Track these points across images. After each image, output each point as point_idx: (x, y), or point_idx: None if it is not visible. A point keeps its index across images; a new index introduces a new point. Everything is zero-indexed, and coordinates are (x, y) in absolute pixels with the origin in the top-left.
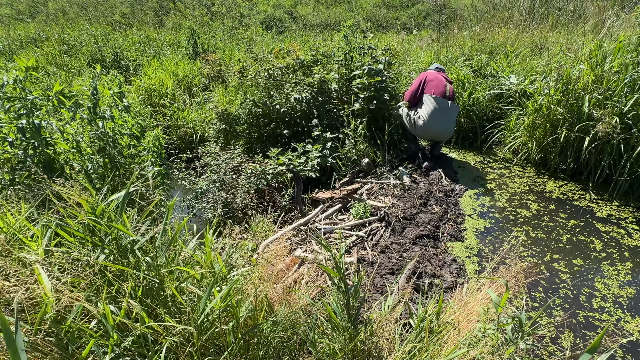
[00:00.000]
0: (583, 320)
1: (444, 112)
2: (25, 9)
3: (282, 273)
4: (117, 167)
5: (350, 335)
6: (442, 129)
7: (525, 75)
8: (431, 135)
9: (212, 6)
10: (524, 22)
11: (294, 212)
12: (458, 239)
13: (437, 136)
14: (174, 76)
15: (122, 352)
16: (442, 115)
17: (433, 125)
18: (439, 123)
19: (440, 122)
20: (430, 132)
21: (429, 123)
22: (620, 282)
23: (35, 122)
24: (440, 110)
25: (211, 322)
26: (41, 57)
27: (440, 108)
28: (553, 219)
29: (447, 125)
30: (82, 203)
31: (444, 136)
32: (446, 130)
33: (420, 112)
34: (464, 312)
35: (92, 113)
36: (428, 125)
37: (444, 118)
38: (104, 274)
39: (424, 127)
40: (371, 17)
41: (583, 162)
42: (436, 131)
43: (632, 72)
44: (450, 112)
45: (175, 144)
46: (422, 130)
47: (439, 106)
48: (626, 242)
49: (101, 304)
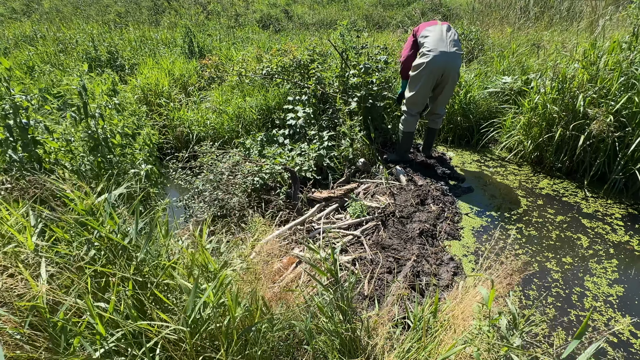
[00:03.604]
0: (574, 318)
1: (443, 35)
2: (19, 8)
3: (279, 272)
4: (110, 166)
5: (346, 334)
6: (449, 50)
7: (520, 74)
8: (442, 64)
9: (207, 5)
10: (519, 21)
11: (290, 211)
12: (455, 238)
13: (448, 63)
14: (169, 75)
15: (112, 349)
16: (443, 37)
17: (439, 49)
18: (445, 45)
19: (445, 44)
20: (441, 59)
21: (435, 49)
22: (609, 280)
23: (22, 121)
24: (440, 35)
25: (204, 320)
26: (36, 56)
27: (439, 32)
28: (542, 215)
29: (452, 47)
30: (74, 198)
31: (455, 61)
32: (454, 53)
33: (423, 50)
34: (460, 310)
35: (81, 112)
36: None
37: (447, 41)
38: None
39: (432, 59)
40: (367, 16)
41: (578, 161)
42: (444, 55)
43: (625, 71)
44: (451, 35)
45: (171, 144)
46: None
47: (437, 31)
48: (610, 237)
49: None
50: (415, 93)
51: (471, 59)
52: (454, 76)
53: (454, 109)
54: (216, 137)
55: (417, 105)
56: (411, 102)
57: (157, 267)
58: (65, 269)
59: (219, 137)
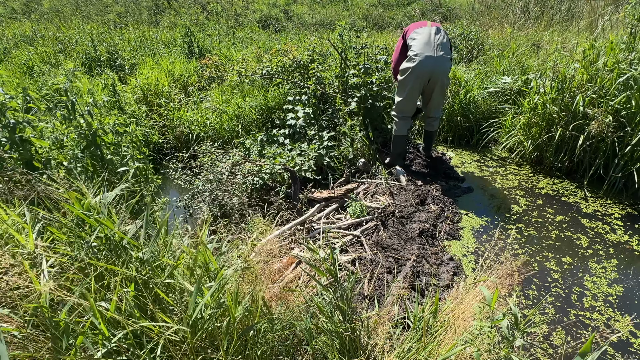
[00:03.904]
0: (574, 318)
1: (431, 38)
2: (19, 8)
3: (279, 272)
4: (103, 165)
5: (346, 334)
6: (436, 54)
7: (520, 74)
8: (428, 69)
9: (207, 5)
10: (519, 21)
11: (290, 211)
12: (455, 238)
13: (435, 67)
14: (169, 75)
15: (113, 349)
16: (431, 41)
17: (425, 54)
18: (431, 49)
19: (432, 48)
20: (427, 64)
21: (421, 54)
22: (608, 279)
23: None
24: (427, 38)
25: (205, 320)
26: (35, 56)
27: (427, 35)
28: (541, 215)
29: (439, 51)
30: (71, 198)
31: (443, 65)
32: (441, 57)
33: (410, 54)
34: (460, 310)
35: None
36: (420, 56)
37: (434, 44)
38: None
39: (418, 64)
40: (367, 16)
41: (578, 161)
42: (431, 59)
43: (625, 70)
44: (439, 39)
45: (171, 144)
46: (417, 69)
47: (425, 34)
48: (610, 237)
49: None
50: (403, 98)
51: (471, 59)
52: (442, 80)
53: (453, 109)
54: (216, 137)
55: (406, 110)
56: (400, 107)
57: (159, 267)
58: (66, 269)
59: (219, 137)
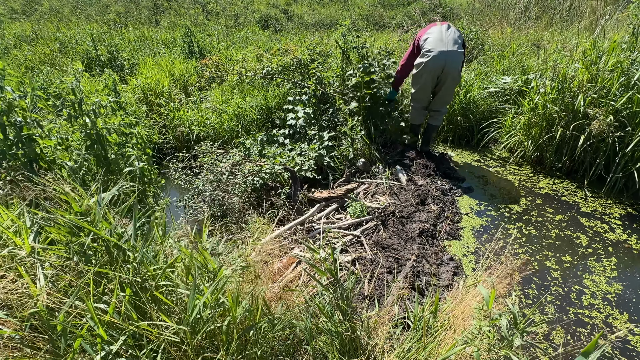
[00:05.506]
0: (573, 317)
1: (442, 35)
2: (19, 8)
3: (279, 272)
4: (107, 165)
5: (346, 334)
6: (448, 49)
7: (520, 74)
8: (441, 63)
9: (207, 5)
10: (519, 21)
11: (290, 211)
12: (455, 238)
13: (447, 61)
14: (169, 75)
15: (111, 351)
16: (443, 37)
17: (438, 49)
18: (443, 44)
19: (444, 43)
20: (440, 58)
21: (434, 49)
22: (607, 278)
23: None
24: (439, 35)
25: (205, 320)
26: (34, 56)
27: (438, 32)
28: (541, 214)
29: (451, 46)
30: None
31: (455, 58)
32: (453, 51)
33: (423, 51)
34: (460, 309)
35: (77, 110)
36: (434, 51)
37: (446, 40)
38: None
39: (431, 59)
40: (367, 16)
41: (578, 161)
42: (443, 54)
43: (626, 70)
44: (450, 34)
45: (171, 144)
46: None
47: (437, 32)
48: (609, 236)
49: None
50: (417, 90)
51: (471, 59)
52: (453, 74)
53: (454, 109)
54: (216, 137)
55: (420, 99)
56: (415, 98)
57: (154, 268)
58: (63, 272)
59: (219, 137)
